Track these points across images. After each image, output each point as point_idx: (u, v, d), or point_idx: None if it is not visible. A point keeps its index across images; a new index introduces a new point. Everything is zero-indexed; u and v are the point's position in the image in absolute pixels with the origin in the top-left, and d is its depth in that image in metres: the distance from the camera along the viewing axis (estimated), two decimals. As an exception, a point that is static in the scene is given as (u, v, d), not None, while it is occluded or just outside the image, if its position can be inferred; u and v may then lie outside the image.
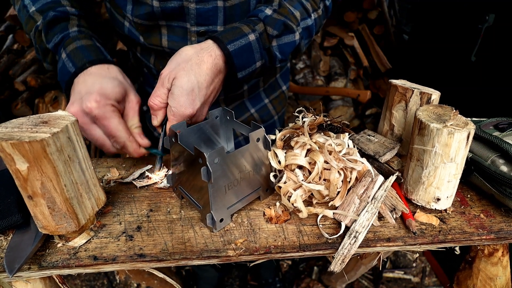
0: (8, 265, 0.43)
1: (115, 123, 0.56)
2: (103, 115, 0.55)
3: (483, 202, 0.57)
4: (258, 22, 0.62)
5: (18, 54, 1.92)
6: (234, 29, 0.60)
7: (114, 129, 0.56)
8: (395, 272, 1.72)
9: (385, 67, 2.21)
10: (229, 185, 0.49)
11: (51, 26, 0.64)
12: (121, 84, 0.59)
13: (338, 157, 0.52)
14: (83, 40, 0.63)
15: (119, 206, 0.55)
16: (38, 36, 0.65)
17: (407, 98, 0.63)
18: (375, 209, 0.50)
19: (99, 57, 0.62)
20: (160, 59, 0.78)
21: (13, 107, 1.85)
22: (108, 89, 0.56)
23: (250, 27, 0.61)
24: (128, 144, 0.58)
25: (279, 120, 1.01)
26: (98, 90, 0.55)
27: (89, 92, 0.55)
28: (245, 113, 0.90)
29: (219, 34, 0.59)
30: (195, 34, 0.71)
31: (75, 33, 0.64)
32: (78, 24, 0.66)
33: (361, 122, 2.34)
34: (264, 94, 0.92)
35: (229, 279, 1.71)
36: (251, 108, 0.91)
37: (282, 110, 1.01)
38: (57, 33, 0.64)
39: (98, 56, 0.62)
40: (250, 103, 0.90)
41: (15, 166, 0.39)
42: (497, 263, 0.59)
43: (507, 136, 0.55)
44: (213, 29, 0.70)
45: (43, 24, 0.64)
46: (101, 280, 1.68)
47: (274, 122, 0.99)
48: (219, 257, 0.48)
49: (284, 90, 0.98)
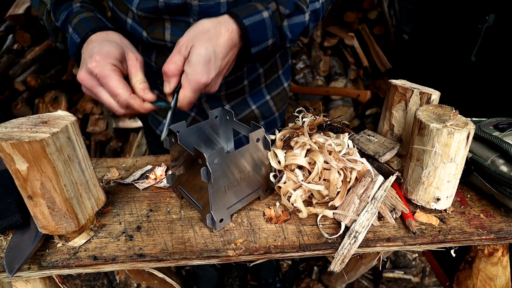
0: (8, 265, 0.43)
1: (115, 80, 0.56)
2: (103, 74, 0.56)
3: (483, 202, 0.57)
4: (271, 1, 0.64)
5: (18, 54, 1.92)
6: (249, 6, 0.63)
7: (114, 87, 0.56)
8: (395, 272, 1.72)
9: (385, 67, 2.21)
10: (229, 185, 0.49)
11: (58, 5, 0.69)
12: (118, 45, 0.61)
13: (338, 157, 0.52)
14: (85, 13, 0.67)
15: (119, 206, 0.55)
16: (48, 17, 0.70)
17: (407, 98, 0.63)
18: (375, 209, 0.50)
19: (100, 25, 0.65)
20: (162, 55, 0.79)
21: (13, 107, 1.85)
22: (106, 49, 0.58)
23: (263, 5, 0.63)
24: (131, 101, 0.57)
25: (279, 117, 1.02)
26: (97, 52, 0.57)
27: (89, 55, 0.58)
28: (246, 109, 0.91)
29: (235, 10, 0.62)
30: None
31: (77, 8, 0.68)
32: (81, 0, 0.70)
33: (361, 122, 2.34)
34: (266, 91, 0.93)
35: (229, 279, 1.71)
36: (252, 104, 0.91)
37: (283, 107, 1.02)
38: (63, 11, 0.68)
39: (99, 24, 0.65)
40: (251, 99, 0.91)
41: (15, 166, 0.39)
42: (497, 263, 0.59)
43: (507, 136, 0.55)
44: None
45: (51, 5, 0.68)
46: (101, 280, 1.68)
47: (275, 119, 1.00)
48: (219, 257, 0.48)
49: (285, 87, 0.99)
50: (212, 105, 0.88)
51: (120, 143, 2.11)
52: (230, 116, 0.59)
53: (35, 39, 1.92)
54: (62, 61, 2.03)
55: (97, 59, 0.56)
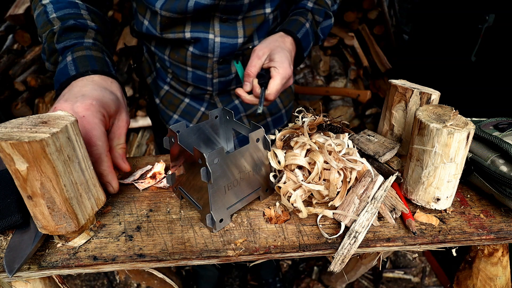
0: (7, 265, 0.43)
1: (100, 131, 0.52)
2: (91, 120, 0.52)
3: (483, 202, 0.57)
4: (307, 12, 0.83)
5: (18, 54, 1.92)
6: (295, 21, 0.80)
7: (96, 137, 0.52)
8: (395, 272, 1.72)
9: (385, 67, 2.21)
10: (228, 186, 0.49)
11: (68, 31, 0.65)
12: (118, 101, 0.59)
13: (338, 157, 0.52)
14: (94, 51, 0.64)
15: (119, 206, 0.55)
16: (50, 37, 0.66)
17: (407, 98, 0.63)
18: (375, 209, 0.50)
19: (104, 69, 0.62)
20: (177, 49, 0.83)
21: (13, 107, 1.85)
22: (105, 99, 0.55)
23: (304, 18, 0.81)
24: (104, 158, 0.53)
25: (286, 114, 1.06)
26: (96, 96, 0.54)
27: (86, 96, 0.54)
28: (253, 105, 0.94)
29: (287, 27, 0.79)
30: (218, 19, 0.79)
31: (89, 43, 0.65)
32: (94, 37, 0.67)
33: (361, 122, 2.34)
34: None
35: (229, 279, 1.71)
36: None
37: (289, 104, 1.07)
38: (71, 38, 0.65)
39: (103, 68, 0.62)
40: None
41: (15, 166, 0.39)
42: (497, 263, 0.59)
43: (507, 136, 0.55)
44: (234, 17, 0.79)
45: (59, 28, 0.65)
46: (101, 280, 1.68)
47: (281, 116, 1.04)
48: (218, 257, 0.48)
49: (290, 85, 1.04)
50: (223, 99, 0.93)
51: (120, 143, 2.10)
52: (230, 116, 0.59)
53: (35, 39, 1.93)
54: (62, 61, 2.03)
55: (93, 104, 0.52)
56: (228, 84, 0.89)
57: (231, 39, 0.80)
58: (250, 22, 0.81)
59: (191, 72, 0.86)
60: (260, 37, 0.85)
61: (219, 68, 0.84)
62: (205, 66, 0.84)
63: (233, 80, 0.89)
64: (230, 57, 0.84)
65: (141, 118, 2.10)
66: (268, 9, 0.82)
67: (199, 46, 0.80)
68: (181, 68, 0.86)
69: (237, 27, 0.80)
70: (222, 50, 0.81)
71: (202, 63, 0.83)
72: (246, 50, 0.85)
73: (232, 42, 0.81)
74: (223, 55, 0.82)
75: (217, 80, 0.87)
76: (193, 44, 0.81)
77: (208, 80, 0.87)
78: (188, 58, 0.83)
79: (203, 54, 0.81)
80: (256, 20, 0.82)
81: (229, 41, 0.80)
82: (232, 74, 0.87)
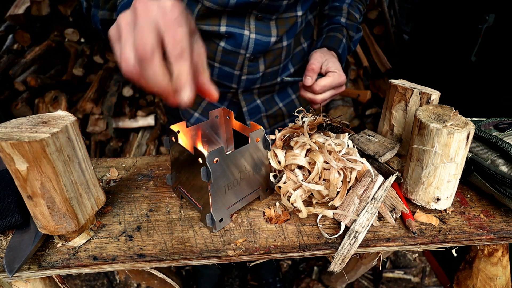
0: (7, 265, 0.43)
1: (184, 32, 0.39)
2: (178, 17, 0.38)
3: (483, 202, 0.57)
4: (343, 28, 0.89)
5: (18, 54, 1.92)
6: (334, 38, 0.87)
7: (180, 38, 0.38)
8: (395, 272, 1.72)
9: (385, 67, 2.21)
10: (228, 185, 0.49)
11: None
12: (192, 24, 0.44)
13: (338, 157, 0.52)
14: None
15: (119, 206, 0.55)
16: None
17: (407, 98, 0.63)
18: (375, 209, 0.50)
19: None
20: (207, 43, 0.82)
21: (13, 107, 1.85)
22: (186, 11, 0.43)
23: (341, 34, 0.88)
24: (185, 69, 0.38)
25: None
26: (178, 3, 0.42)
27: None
28: (274, 106, 0.99)
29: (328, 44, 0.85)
30: (253, 17, 0.80)
31: None
32: None
33: (361, 122, 2.33)
34: (291, 90, 1.01)
35: (229, 279, 1.71)
36: (279, 102, 1.00)
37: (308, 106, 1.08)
38: None
39: None
40: (278, 97, 0.99)
41: (15, 166, 0.39)
42: (497, 263, 0.59)
43: (507, 136, 0.55)
44: (269, 17, 0.80)
45: None
46: (101, 280, 1.68)
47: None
48: (218, 257, 0.48)
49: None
50: (246, 97, 0.95)
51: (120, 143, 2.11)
52: (230, 116, 0.59)
53: (35, 39, 1.93)
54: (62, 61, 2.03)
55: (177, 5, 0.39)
56: (253, 82, 0.90)
57: (265, 37, 0.81)
58: (282, 23, 0.84)
59: (217, 68, 0.86)
60: (289, 38, 0.87)
61: (249, 65, 0.85)
62: (235, 62, 0.84)
63: (259, 79, 0.90)
64: (260, 55, 0.85)
65: (141, 118, 2.10)
66: (299, 12, 0.85)
67: (232, 42, 0.81)
68: (208, 64, 0.86)
69: (271, 27, 0.82)
70: (256, 47, 0.82)
71: (232, 59, 0.84)
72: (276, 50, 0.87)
73: (266, 40, 0.82)
74: (256, 52, 0.83)
75: (245, 77, 0.88)
76: (225, 39, 0.81)
77: (235, 77, 0.87)
78: (218, 53, 0.83)
79: (235, 50, 0.82)
80: (289, 21, 0.84)
81: (263, 38, 0.81)
82: (259, 72, 0.88)
